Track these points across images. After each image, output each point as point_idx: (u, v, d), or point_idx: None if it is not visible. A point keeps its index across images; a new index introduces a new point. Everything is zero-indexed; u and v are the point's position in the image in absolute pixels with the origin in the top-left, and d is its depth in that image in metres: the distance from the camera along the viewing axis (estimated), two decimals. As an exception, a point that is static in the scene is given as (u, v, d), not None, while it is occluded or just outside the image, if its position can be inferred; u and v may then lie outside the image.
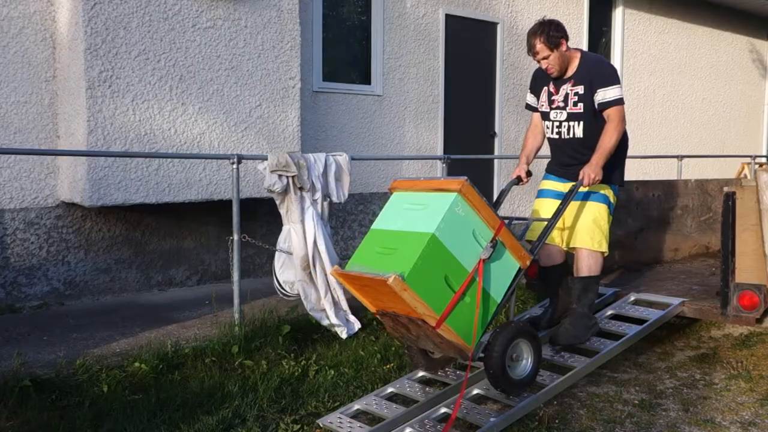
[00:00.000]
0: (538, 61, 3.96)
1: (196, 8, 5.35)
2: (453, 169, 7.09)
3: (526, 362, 3.38)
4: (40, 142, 5.33)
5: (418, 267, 2.94)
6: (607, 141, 3.81)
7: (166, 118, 5.25)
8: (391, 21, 7.33)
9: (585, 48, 9.29)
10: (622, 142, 4.05)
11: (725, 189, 3.93)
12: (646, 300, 4.40)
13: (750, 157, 9.47)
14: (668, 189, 5.72)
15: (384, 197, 7.40)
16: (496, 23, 8.29)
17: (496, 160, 8.37)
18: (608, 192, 4.04)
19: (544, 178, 4.31)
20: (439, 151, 7.80)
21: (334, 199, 4.66)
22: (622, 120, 3.85)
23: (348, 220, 7.15)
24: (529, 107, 4.36)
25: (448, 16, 7.80)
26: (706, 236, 6.10)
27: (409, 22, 7.48)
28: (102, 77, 4.95)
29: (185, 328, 4.62)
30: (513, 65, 8.51)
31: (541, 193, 4.25)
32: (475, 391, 3.41)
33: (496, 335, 3.27)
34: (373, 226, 3.34)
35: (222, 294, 5.43)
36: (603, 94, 3.85)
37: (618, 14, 9.89)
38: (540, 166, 4.60)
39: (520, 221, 4.15)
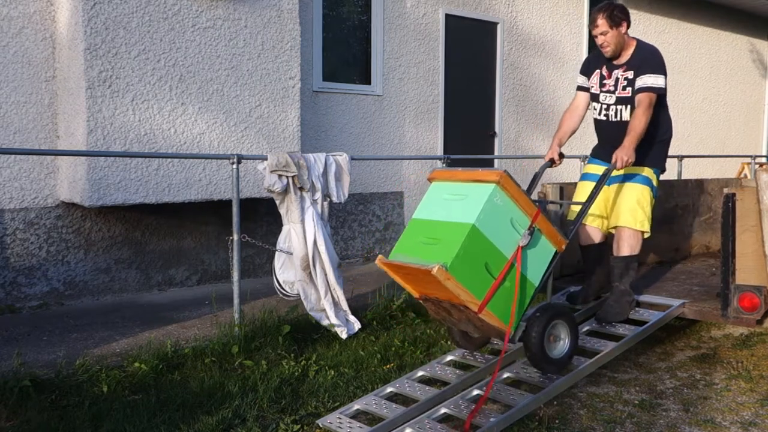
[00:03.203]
0: (596, 36, 4.11)
1: (196, 8, 5.35)
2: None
3: (564, 342, 3.56)
4: (40, 142, 5.33)
5: (460, 256, 3.09)
6: (637, 124, 3.95)
7: (166, 118, 5.25)
8: (391, 21, 7.33)
9: (585, 48, 9.31)
10: (667, 128, 4.29)
11: (725, 190, 3.93)
12: (647, 302, 4.39)
13: (750, 157, 9.47)
14: (668, 189, 5.71)
15: (384, 197, 7.40)
16: (496, 23, 8.29)
17: (496, 160, 8.37)
18: (651, 175, 4.22)
19: (589, 162, 4.48)
20: (439, 151, 7.80)
21: (334, 199, 4.66)
22: (651, 105, 4.00)
23: (348, 220, 7.15)
24: (580, 88, 4.45)
25: (448, 16, 7.80)
26: (707, 236, 6.09)
27: (409, 22, 7.47)
28: (102, 77, 4.95)
29: (185, 328, 4.62)
30: (513, 65, 8.51)
31: (585, 177, 4.42)
32: (475, 392, 3.41)
33: (535, 317, 3.44)
34: (414, 216, 3.48)
35: (222, 294, 5.44)
36: (644, 80, 4.02)
37: (618, 14, 9.88)
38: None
39: (555, 204, 4.24)
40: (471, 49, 8.13)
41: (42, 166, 5.36)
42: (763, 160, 11.40)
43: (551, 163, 4.26)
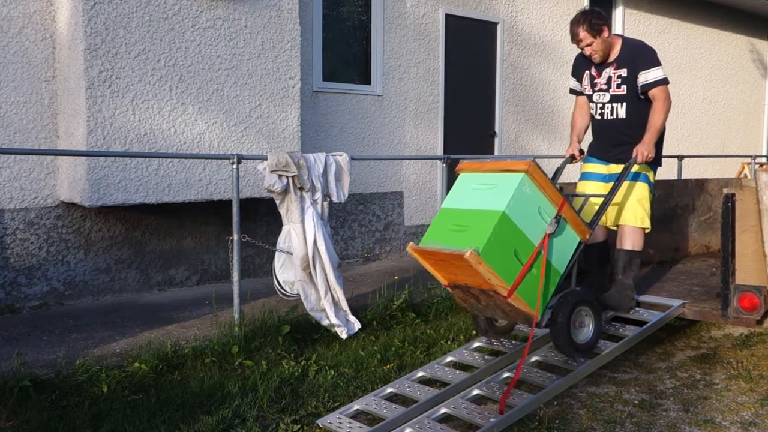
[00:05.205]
0: (582, 48, 4.19)
1: (196, 8, 5.35)
2: (453, 169, 7.08)
3: (588, 329, 3.70)
4: (40, 142, 5.33)
5: (491, 242, 3.21)
6: (656, 119, 4.08)
7: (166, 118, 5.25)
8: (391, 21, 7.33)
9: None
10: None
11: (725, 190, 3.93)
12: (647, 302, 4.39)
13: (750, 157, 9.47)
14: (668, 189, 5.71)
15: (384, 197, 7.40)
16: (496, 23, 8.29)
17: (496, 160, 8.35)
18: (649, 172, 4.31)
19: (587, 161, 4.53)
20: (439, 151, 7.80)
21: (334, 199, 4.66)
22: (668, 98, 4.11)
23: (348, 220, 7.15)
24: (573, 92, 4.56)
25: (448, 16, 7.80)
26: (707, 236, 6.09)
27: (409, 22, 7.47)
28: (102, 77, 4.95)
29: (185, 328, 4.62)
30: (513, 65, 8.51)
31: (584, 176, 4.49)
32: (475, 392, 3.41)
33: (560, 303, 3.55)
34: (443, 206, 3.62)
35: (222, 294, 5.44)
36: (645, 76, 4.10)
37: (618, 14, 9.89)
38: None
39: (578, 197, 4.34)
40: (471, 49, 8.13)
41: (42, 166, 5.36)
42: (763, 160, 11.39)
43: (572, 159, 4.41)
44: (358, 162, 6.97)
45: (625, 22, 9.91)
